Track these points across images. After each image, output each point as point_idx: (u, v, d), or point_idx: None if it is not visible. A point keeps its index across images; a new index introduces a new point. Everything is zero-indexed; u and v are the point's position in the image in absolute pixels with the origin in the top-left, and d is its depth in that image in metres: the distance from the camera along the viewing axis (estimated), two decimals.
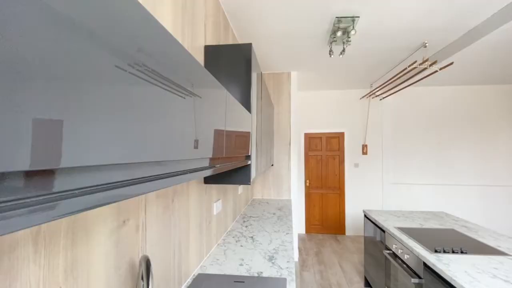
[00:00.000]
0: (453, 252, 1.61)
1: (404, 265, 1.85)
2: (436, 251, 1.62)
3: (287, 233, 1.98)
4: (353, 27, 2.07)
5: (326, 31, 2.27)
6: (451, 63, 2.48)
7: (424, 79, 3.87)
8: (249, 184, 1.49)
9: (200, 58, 1.44)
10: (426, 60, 2.52)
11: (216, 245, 1.73)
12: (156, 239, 0.97)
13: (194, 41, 1.34)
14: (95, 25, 0.26)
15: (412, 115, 4.40)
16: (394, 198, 4.39)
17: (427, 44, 2.60)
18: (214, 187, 1.70)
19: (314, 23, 2.17)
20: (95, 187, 0.29)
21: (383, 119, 4.43)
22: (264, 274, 1.33)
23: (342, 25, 2.10)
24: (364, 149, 4.45)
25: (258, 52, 2.84)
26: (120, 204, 0.76)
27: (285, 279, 1.28)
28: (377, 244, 2.41)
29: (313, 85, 4.23)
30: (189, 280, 1.26)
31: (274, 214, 2.57)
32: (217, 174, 1.48)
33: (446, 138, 4.32)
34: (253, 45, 2.65)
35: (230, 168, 0.93)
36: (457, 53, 2.63)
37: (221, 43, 1.88)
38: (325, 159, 4.52)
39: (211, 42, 1.62)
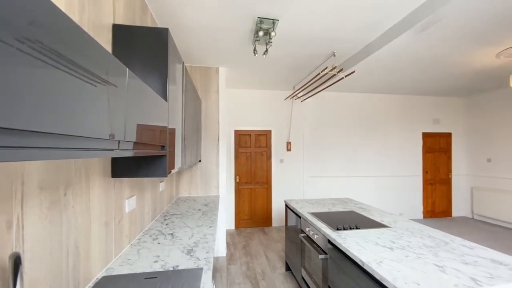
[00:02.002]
0: (350, 228, 1.91)
1: (315, 245, 2.09)
2: (337, 229, 1.89)
3: (210, 227, 1.98)
4: (273, 29, 2.22)
5: (250, 30, 2.37)
6: (353, 72, 2.93)
7: (336, 85, 4.47)
8: (166, 177, 1.43)
9: (106, 37, 1.30)
10: (335, 68, 2.91)
11: (129, 245, 1.59)
12: (40, 238, 0.82)
13: (98, 17, 1.19)
14: None
15: (327, 117, 5.03)
16: (312, 190, 4.93)
17: (336, 53, 3.01)
18: (126, 183, 1.55)
19: (238, 20, 2.24)
20: None
21: (304, 119, 4.91)
22: (181, 267, 1.29)
23: (264, 26, 2.22)
24: (288, 146, 4.83)
25: (185, 43, 2.74)
26: None
27: (201, 269, 1.27)
28: (295, 230, 2.65)
29: (242, 83, 4.35)
30: (90, 285, 1.12)
31: (199, 210, 2.53)
32: (127, 166, 1.36)
33: (353, 137, 5.11)
34: (179, 35, 2.55)
35: (134, 155, 0.87)
36: (359, 63, 3.13)
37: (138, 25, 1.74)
38: (254, 156, 4.71)
39: (123, 21, 1.48)
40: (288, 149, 4.83)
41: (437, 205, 5.44)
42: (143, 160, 1.37)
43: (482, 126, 5.25)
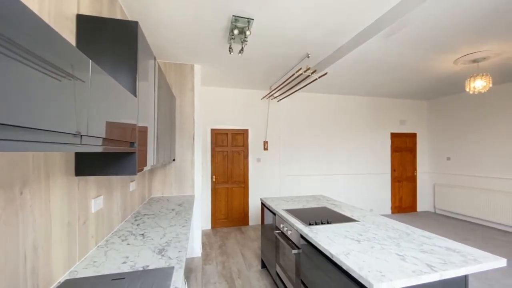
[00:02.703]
0: (321, 223, 1.97)
1: (289, 241, 2.14)
2: (310, 224, 1.95)
3: (183, 226, 1.95)
4: (248, 28, 2.24)
5: (225, 28, 2.37)
6: (326, 73, 3.04)
7: (311, 86, 4.60)
8: (135, 175, 1.38)
9: (70, 28, 1.23)
10: (308, 69, 3.00)
11: (96, 247, 1.51)
12: None
13: (59, 6, 1.13)
14: None
15: (303, 117, 5.15)
16: (289, 188, 5.03)
17: (310, 55, 3.10)
18: (92, 182, 1.48)
19: (213, 17, 2.23)
20: None
21: (280, 119, 4.99)
22: (151, 267, 1.26)
23: (239, 25, 2.23)
24: (265, 145, 4.88)
25: (158, 38, 2.66)
26: None
27: (172, 268, 1.25)
28: (271, 228, 2.68)
29: (219, 81, 4.32)
30: None
31: (173, 210, 2.47)
32: (93, 163, 1.30)
33: (328, 137, 5.28)
34: (152, 30, 2.47)
35: (98, 150, 0.83)
36: (331, 65, 3.25)
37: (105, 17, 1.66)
38: (231, 155, 4.70)
39: (89, 12, 1.41)
40: (265, 148, 4.88)
41: (404, 201, 5.80)
42: (111, 158, 1.32)
43: (443, 127, 5.69)
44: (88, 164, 1.30)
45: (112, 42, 1.36)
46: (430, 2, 1.86)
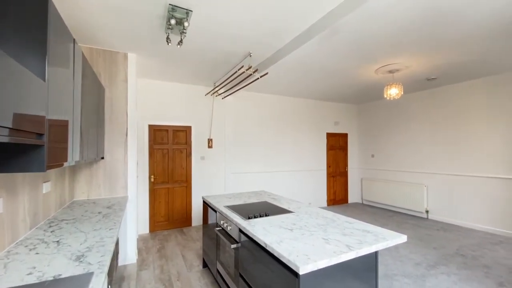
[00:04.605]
0: (260, 216, 2.03)
1: (229, 236, 2.14)
2: (248, 218, 1.98)
3: (110, 229, 1.76)
4: (187, 19, 2.15)
5: (162, 16, 2.24)
6: (267, 73, 3.15)
7: (256, 86, 4.70)
8: (44, 172, 1.19)
9: None
10: (250, 67, 3.06)
11: None
12: None
13: None
14: None
15: (249, 116, 5.24)
16: (234, 186, 5.05)
17: (252, 54, 3.16)
18: None
19: (148, 2, 2.07)
20: None
21: (226, 116, 4.97)
22: (64, 275, 1.10)
23: (177, 15, 2.13)
24: (210, 143, 4.79)
25: (85, 21, 2.35)
26: None
27: (91, 273, 1.12)
28: (213, 225, 2.64)
29: (158, 74, 4.06)
30: None
31: (99, 213, 2.22)
32: None
33: (271, 135, 5.49)
34: (76, 10, 2.17)
35: None
36: (272, 66, 3.38)
37: None
38: (172, 153, 4.47)
39: None
40: (210, 146, 4.80)
41: (337, 194, 6.43)
42: (12, 151, 1.10)
43: (369, 128, 6.51)
44: None
45: (19, 18, 1.13)
46: (353, 14, 2.09)
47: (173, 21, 2.09)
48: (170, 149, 4.44)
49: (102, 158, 2.72)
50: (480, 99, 4.34)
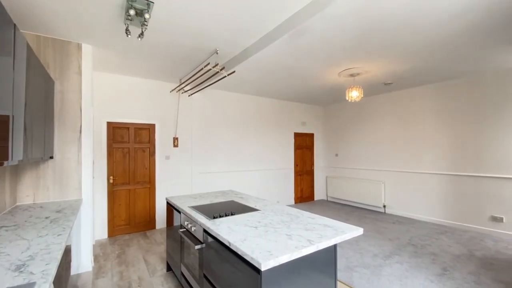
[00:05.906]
0: (225, 215, 2.00)
1: (193, 237, 2.07)
2: (214, 217, 1.94)
3: (58, 235, 1.59)
4: (148, 11, 2.04)
5: (120, 5, 2.09)
6: (233, 72, 3.13)
7: (224, 84, 4.64)
8: None
9: None
10: (217, 65, 3.01)
11: None
12: None
13: None
14: None
15: (216, 114, 5.15)
16: (201, 186, 4.93)
17: (218, 52, 3.11)
18: None
19: None
20: None
21: (192, 115, 4.83)
22: None
23: (137, 6, 2.01)
24: (175, 142, 4.62)
25: (31, 3, 2.10)
26: None
27: (33, 283, 1.00)
28: (177, 227, 2.54)
29: (117, 68, 3.80)
30: None
31: (47, 218, 2.00)
32: None
33: (240, 134, 5.47)
34: None
35: None
36: (239, 65, 3.37)
37: None
38: (134, 152, 4.21)
39: None
40: (175, 145, 4.62)
41: (304, 192, 6.63)
42: None
43: (333, 128, 6.83)
44: None
45: None
46: (315, 18, 2.16)
47: (132, 12, 1.96)
48: (131, 148, 4.18)
49: (51, 157, 2.46)
50: (430, 103, 4.80)
